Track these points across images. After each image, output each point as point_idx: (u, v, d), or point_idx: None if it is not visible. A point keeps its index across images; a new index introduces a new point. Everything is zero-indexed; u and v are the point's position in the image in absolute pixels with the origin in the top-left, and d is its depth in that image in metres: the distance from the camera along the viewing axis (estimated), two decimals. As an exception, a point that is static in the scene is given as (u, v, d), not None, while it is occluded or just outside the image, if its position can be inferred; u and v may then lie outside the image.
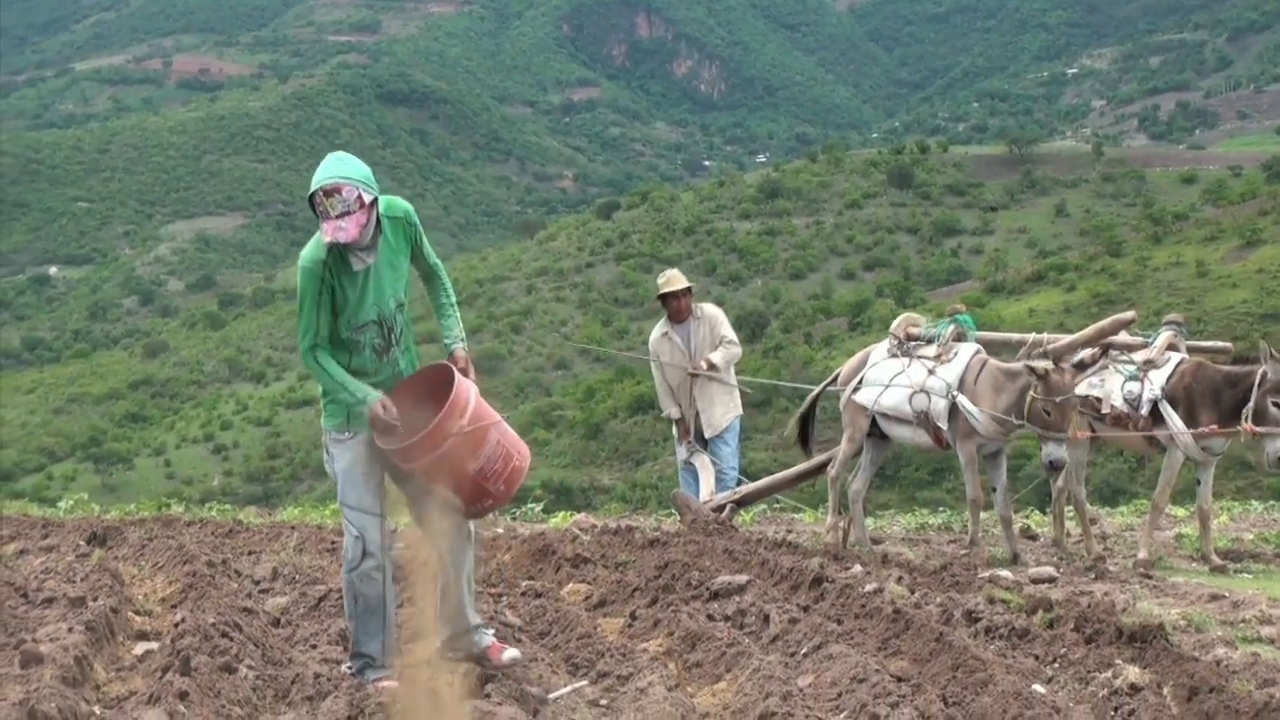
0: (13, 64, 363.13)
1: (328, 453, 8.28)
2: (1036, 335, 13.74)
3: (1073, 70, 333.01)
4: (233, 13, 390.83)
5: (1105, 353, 13.59)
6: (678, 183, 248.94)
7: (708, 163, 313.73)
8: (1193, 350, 13.35)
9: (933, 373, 13.48)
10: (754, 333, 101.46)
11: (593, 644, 9.37)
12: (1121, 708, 7.42)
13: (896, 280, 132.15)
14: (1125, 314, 13.30)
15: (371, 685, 7.86)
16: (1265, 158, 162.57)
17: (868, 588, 10.23)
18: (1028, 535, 16.33)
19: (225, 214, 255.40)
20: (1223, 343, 13.81)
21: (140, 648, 9.14)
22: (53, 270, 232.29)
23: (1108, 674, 7.89)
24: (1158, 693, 7.55)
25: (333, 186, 7.67)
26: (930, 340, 13.96)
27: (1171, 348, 13.29)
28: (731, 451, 15.51)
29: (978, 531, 13.78)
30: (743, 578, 10.87)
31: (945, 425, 13.31)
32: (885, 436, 14.37)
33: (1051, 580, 11.99)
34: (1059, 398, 12.24)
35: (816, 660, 8.66)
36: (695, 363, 15.21)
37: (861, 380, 14.32)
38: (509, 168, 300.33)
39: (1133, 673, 7.77)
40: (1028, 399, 12.51)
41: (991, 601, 9.86)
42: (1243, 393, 12.44)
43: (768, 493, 15.55)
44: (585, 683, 8.50)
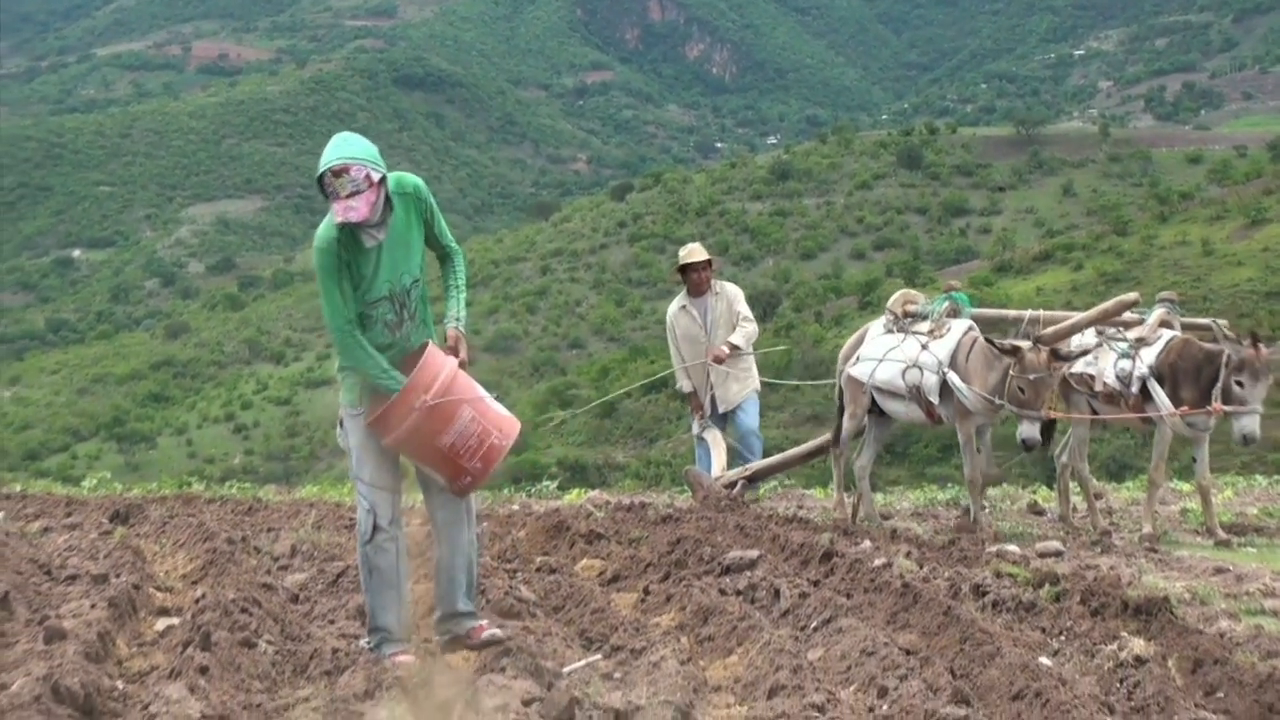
0: (36, 50, 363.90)
1: (341, 427, 8.25)
2: (1034, 312, 13.74)
3: (1079, 52, 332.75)
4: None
5: (1100, 331, 13.58)
6: (690, 165, 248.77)
7: (719, 145, 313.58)
8: (1187, 327, 13.33)
9: (926, 348, 13.46)
10: (766, 312, 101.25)
11: (606, 619, 9.36)
12: (1127, 680, 7.41)
13: (906, 260, 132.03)
14: (1129, 295, 13.27)
15: (389, 659, 7.86)
16: (1270, 138, 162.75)
17: (877, 562, 10.21)
18: (1034, 510, 16.30)
19: (245, 197, 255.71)
20: (1220, 321, 13.74)
21: (161, 623, 9.14)
22: (76, 253, 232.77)
23: (1113, 646, 7.89)
24: (1162, 665, 7.55)
25: (341, 167, 7.65)
26: (926, 317, 13.97)
27: (1165, 325, 13.27)
28: (750, 419, 15.50)
29: (979, 510, 13.76)
30: (754, 553, 10.86)
31: (936, 400, 13.32)
32: (885, 413, 14.38)
33: (1058, 554, 11.97)
34: (1033, 375, 12.22)
35: (826, 634, 8.65)
36: (717, 347, 15.19)
37: (858, 356, 14.36)
38: (524, 150, 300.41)
39: (1138, 645, 7.76)
40: (1008, 376, 12.52)
41: (999, 575, 9.86)
42: (1216, 371, 12.46)
43: (778, 469, 15.54)
44: (599, 657, 8.49)
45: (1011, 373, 12.38)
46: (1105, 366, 13.28)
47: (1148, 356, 12.92)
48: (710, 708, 7.33)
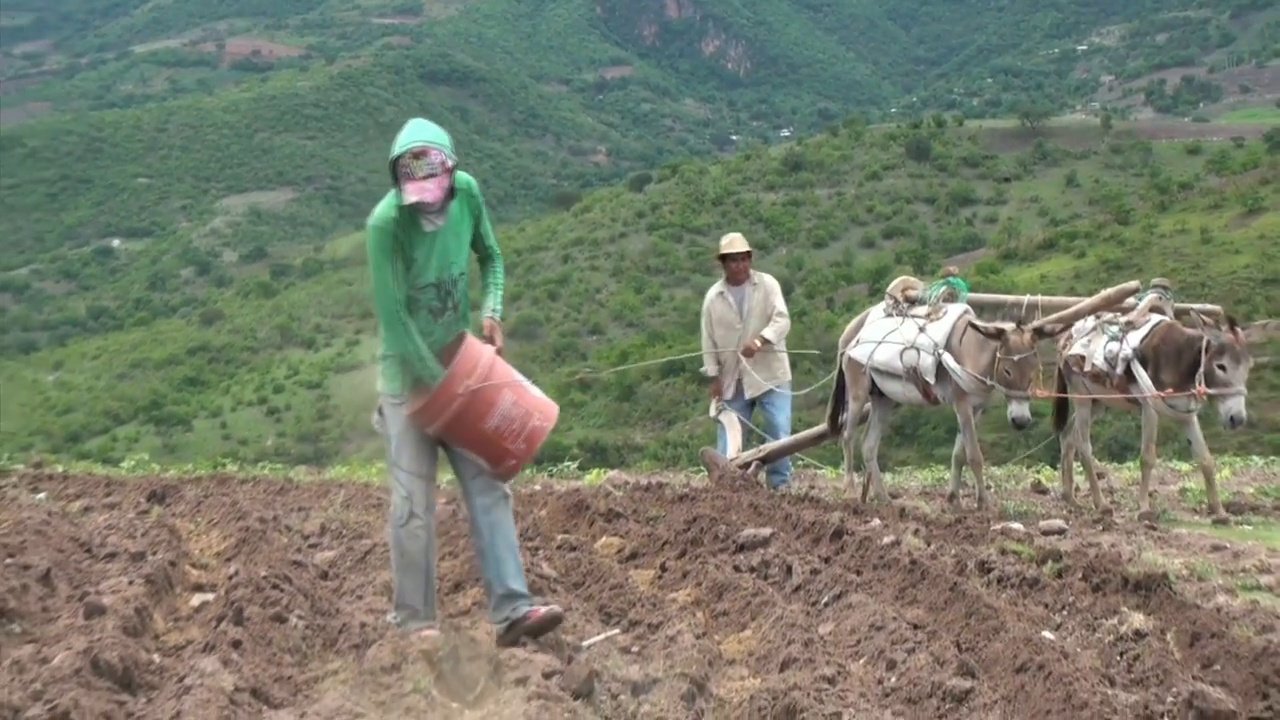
0: (76, 47, 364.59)
1: (380, 414, 8.19)
2: (1031, 298, 13.75)
3: (1082, 47, 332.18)
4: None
5: (1098, 316, 13.61)
6: (706, 156, 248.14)
7: (734, 137, 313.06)
8: (1180, 313, 13.32)
9: (923, 331, 13.53)
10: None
11: (625, 594, 9.36)
12: (1127, 653, 7.40)
13: (914, 248, 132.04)
14: (1129, 284, 13.34)
15: (414, 634, 7.86)
16: (1266, 129, 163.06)
17: (886, 540, 10.21)
18: (1037, 490, 16.32)
19: (276, 188, 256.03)
20: (1212, 306, 13.74)
21: (196, 599, 9.16)
22: (115, 243, 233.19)
23: (1114, 621, 7.88)
24: (1161, 638, 7.54)
25: (420, 149, 7.64)
26: (925, 301, 14.03)
27: (1156, 310, 13.27)
28: (781, 416, 15.51)
29: (982, 489, 13.77)
30: (767, 531, 10.85)
31: (933, 380, 13.36)
32: (885, 394, 14.42)
33: (1060, 532, 11.96)
34: (1017, 356, 12.30)
35: (837, 609, 8.65)
36: (749, 340, 15.19)
37: (858, 339, 14.43)
38: (545, 143, 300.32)
39: (1137, 619, 7.75)
40: (994, 358, 12.57)
41: (1003, 553, 9.85)
42: (1197, 355, 12.48)
43: (789, 451, 15.54)
44: (617, 631, 8.49)
45: (997, 354, 12.43)
46: (1095, 350, 13.32)
47: (1133, 340, 12.96)
48: (725, 680, 7.33)
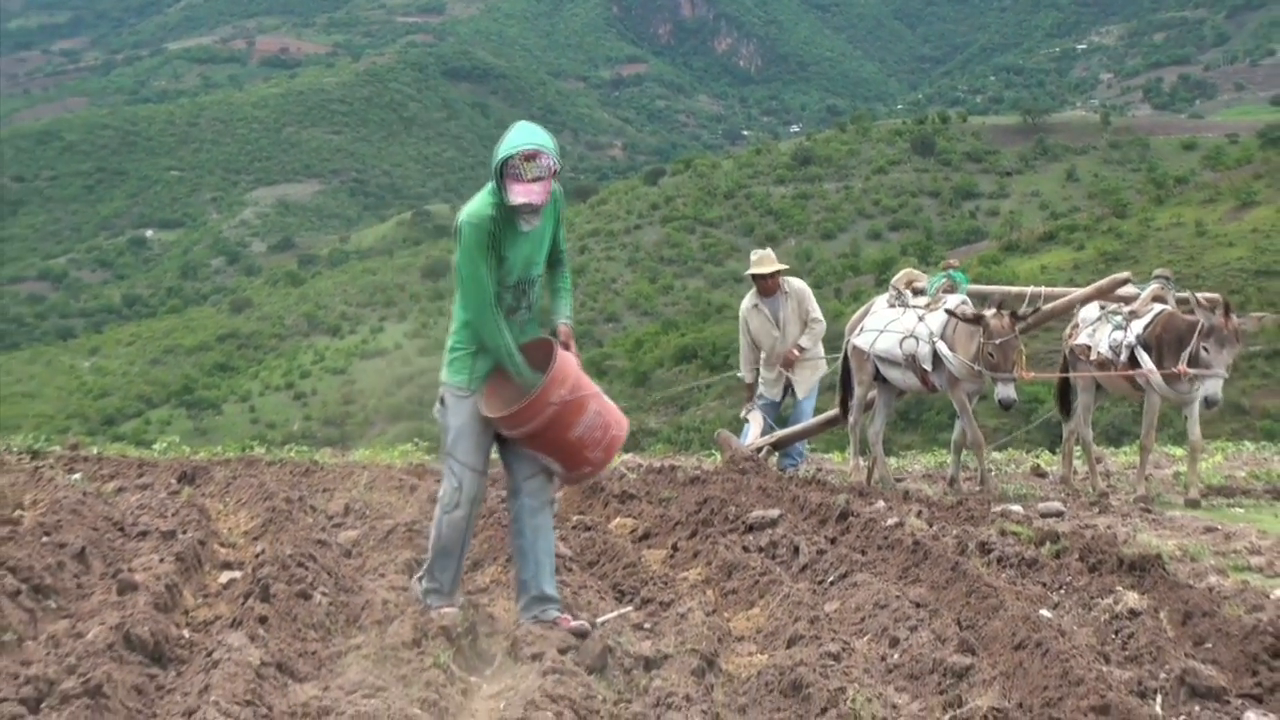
0: (112, 44, 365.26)
1: (442, 403, 8.10)
2: (1035, 289, 13.75)
3: (1082, 46, 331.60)
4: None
5: (1102, 306, 13.64)
6: (718, 151, 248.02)
7: (746, 132, 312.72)
8: (1182, 301, 13.31)
9: (921, 320, 13.58)
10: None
11: (638, 573, 9.38)
12: (1121, 631, 7.40)
13: (919, 240, 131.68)
14: (1121, 274, 13.41)
15: (435, 611, 7.86)
16: (1260, 126, 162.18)
17: (889, 521, 10.21)
18: (1037, 473, 16.32)
19: (304, 181, 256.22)
20: (1212, 294, 13.72)
21: (225, 576, 9.18)
22: (149, 233, 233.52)
23: (1109, 600, 7.88)
24: (1155, 617, 7.54)
25: (533, 152, 7.59)
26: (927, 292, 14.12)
27: (1158, 299, 13.28)
28: (807, 401, 15.54)
29: (986, 468, 13.77)
30: (775, 512, 10.86)
31: (929, 368, 13.39)
32: (888, 381, 14.47)
33: (1058, 514, 11.96)
34: (999, 340, 12.35)
35: (842, 588, 8.66)
36: (789, 351, 15.21)
37: (862, 327, 14.50)
38: (563, 138, 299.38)
39: (1132, 599, 7.75)
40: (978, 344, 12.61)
41: (1003, 534, 9.85)
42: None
43: (799, 437, 15.55)
44: (631, 608, 8.51)
45: (980, 339, 12.46)
46: (1101, 337, 13.33)
47: (1136, 327, 12.97)
48: (734, 656, 7.34)
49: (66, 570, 8.67)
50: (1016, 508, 11.93)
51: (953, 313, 12.82)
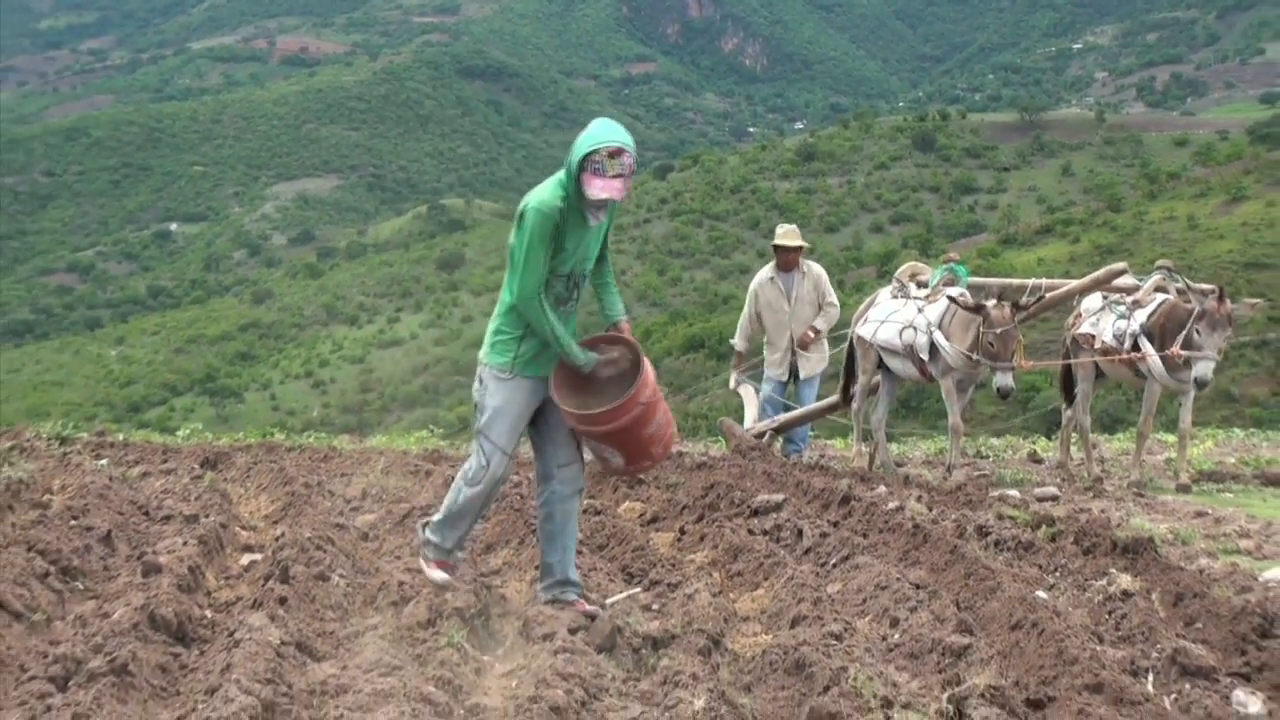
0: (138, 44, 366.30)
1: (481, 382, 7.90)
2: (1036, 280, 13.73)
3: (1078, 45, 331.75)
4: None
5: (1105, 297, 13.65)
6: (725, 147, 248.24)
7: (752, 129, 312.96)
8: (1182, 293, 13.29)
9: (921, 312, 13.59)
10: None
11: (646, 556, 9.37)
12: (1115, 611, 7.39)
13: (920, 233, 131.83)
14: (1117, 265, 13.38)
15: (428, 564, 7.87)
16: (1249, 123, 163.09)
17: (890, 506, 10.19)
18: (1033, 459, 16.34)
19: (323, 176, 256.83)
20: (1209, 285, 13.71)
21: (246, 559, 9.18)
22: (173, 226, 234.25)
23: (1103, 582, 7.87)
24: (1147, 598, 7.53)
25: (617, 149, 7.39)
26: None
27: (1160, 289, 13.28)
28: (810, 387, 15.47)
29: (956, 456, 13.76)
30: (779, 497, 10.85)
31: (927, 357, 13.42)
32: (891, 370, 14.50)
33: (1054, 499, 11.98)
34: (999, 329, 12.33)
35: (844, 570, 8.64)
36: (805, 332, 15.11)
37: (866, 318, 14.54)
38: (574, 135, 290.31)
39: (1125, 580, 7.74)
40: (978, 333, 12.59)
41: (1000, 518, 9.84)
42: None
43: (802, 421, 15.52)
44: (639, 589, 8.50)
45: (980, 329, 12.45)
46: (1105, 327, 13.34)
47: (1140, 317, 12.97)
48: (739, 636, 7.34)
49: (93, 553, 8.67)
50: (1014, 492, 11.96)
51: (955, 299, 12.82)
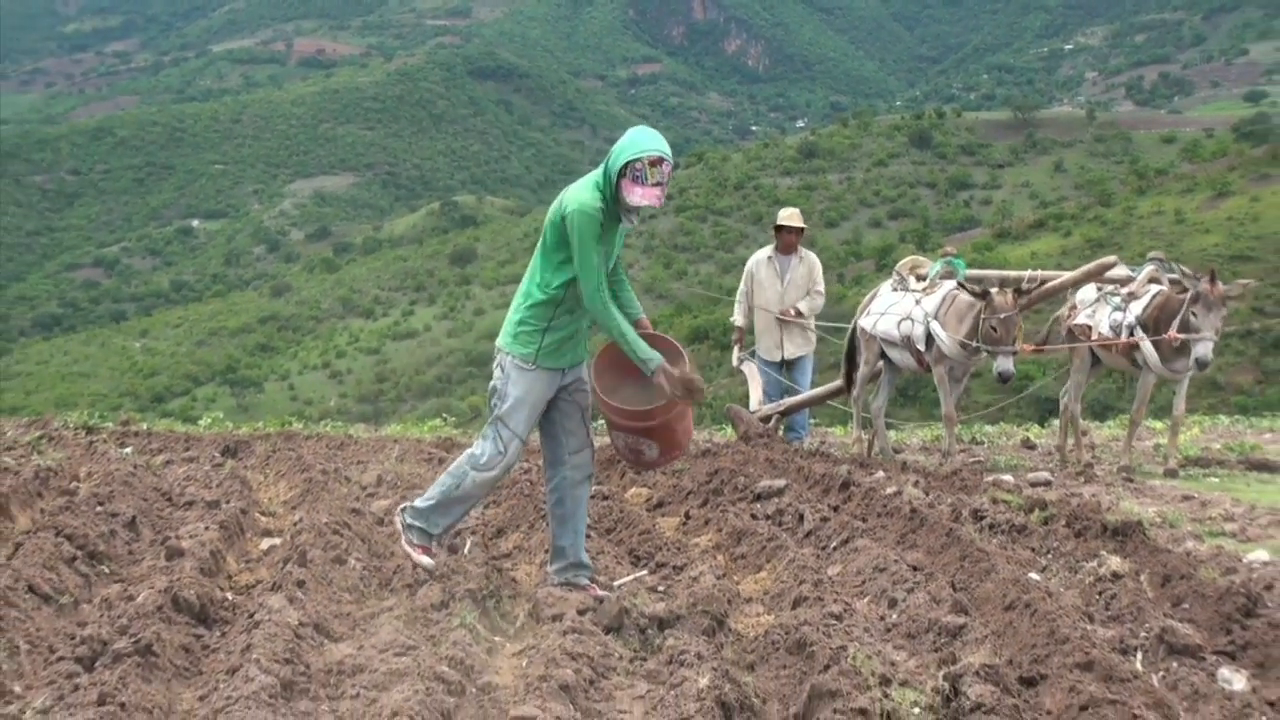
0: (161, 47, 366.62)
1: (502, 370, 7.84)
2: (1032, 272, 13.72)
3: (1069, 46, 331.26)
4: (344, 1, 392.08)
5: (1100, 289, 13.64)
6: (728, 145, 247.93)
7: (754, 128, 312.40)
8: (1175, 283, 13.27)
9: (918, 303, 13.62)
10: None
11: (652, 539, 9.38)
12: (1105, 592, 7.39)
13: (917, 228, 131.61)
14: (1108, 258, 13.34)
15: (413, 549, 7.87)
16: (1234, 120, 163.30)
17: (888, 490, 10.19)
18: (1026, 445, 16.35)
19: (339, 174, 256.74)
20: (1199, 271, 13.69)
21: (265, 543, 9.20)
22: (195, 223, 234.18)
23: (1093, 564, 7.86)
24: (1136, 579, 7.53)
25: (658, 159, 7.34)
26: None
27: (1154, 280, 13.27)
28: (804, 378, 15.50)
29: (952, 444, 13.76)
30: (781, 482, 10.86)
31: (923, 348, 13.44)
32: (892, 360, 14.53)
33: (1046, 483, 11.99)
34: (1002, 315, 12.32)
35: (844, 553, 8.65)
36: (786, 309, 15.18)
37: (868, 310, 14.57)
38: (582, 133, 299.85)
39: (1115, 562, 7.74)
40: (980, 320, 12.59)
41: (994, 502, 9.83)
42: None
43: (806, 405, 15.51)
44: (646, 572, 8.50)
45: (983, 314, 12.46)
46: (1101, 319, 13.33)
47: (1135, 309, 12.96)
48: (742, 616, 7.35)
49: (119, 538, 8.70)
50: (1007, 477, 11.97)
51: (963, 284, 12.84)
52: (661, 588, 8.08)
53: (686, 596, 7.44)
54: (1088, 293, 13.84)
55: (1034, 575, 7.77)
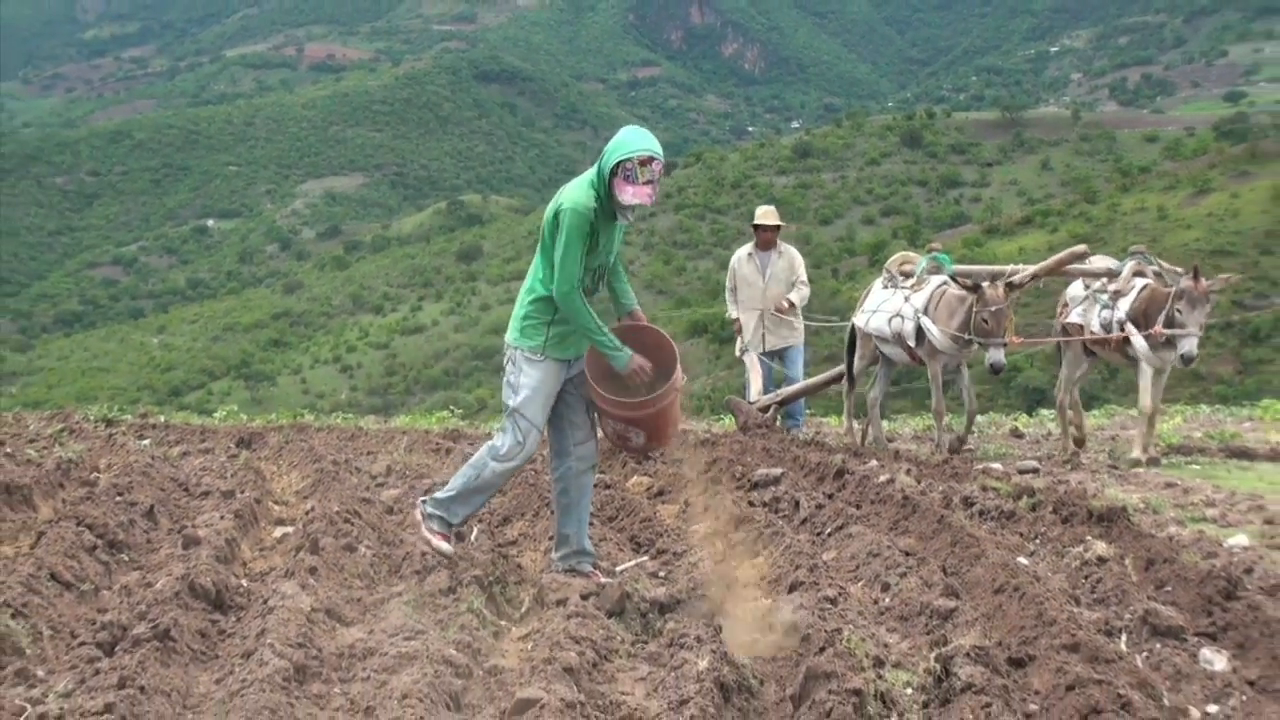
0: (176, 52, 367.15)
1: (513, 364, 7.81)
2: (1013, 267, 13.71)
3: (1055, 48, 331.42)
4: (354, 7, 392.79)
5: (1087, 286, 13.60)
6: (726, 145, 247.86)
7: (751, 129, 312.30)
8: (1158, 274, 13.23)
9: (908, 300, 13.61)
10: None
11: (653, 526, 9.38)
12: (1090, 576, 7.39)
13: (908, 225, 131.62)
14: (1078, 247, 13.37)
15: (432, 536, 7.85)
16: (1214, 120, 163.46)
17: (881, 478, 10.19)
18: (1015, 435, 16.35)
19: (349, 174, 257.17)
20: (1180, 267, 13.66)
21: (278, 531, 9.19)
22: (210, 222, 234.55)
23: (1080, 548, 7.86)
24: (1120, 563, 7.53)
25: (648, 158, 7.34)
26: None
27: (1139, 274, 13.22)
28: (795, 370, 15.51)
29: (943, 435, 13.75)
30: (778, 470, 10.87)
31: (914, 343, 13.44)
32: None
33: (1034, 472, 11.98)
34: (993, 307, 12.33)
35: (838, 539, 8.65)
36: (777, 303, 15.25)
37: (862, 307, 14.59)
38: (584, 134, 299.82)
39: (1100, 547, 7.73)
40: (971, 313, 12.58)
41: (984, 489, 9.83)
42: None
43: (805, 393, 15.50)
44: (646, 558, 8.51)
45: (975, 307, 12.46)
46: (1091, 317, 13.30)
47: (1124, 305, 12.92)
48: (740, 601, 7.34)
49: (137, 526, 8.70)
50: (996, 466, 11.96)
51: (955, 279, 12.85)
52: (662, 574, 8.09)
53: (686, 581, 7.48)
54: (1076, 290, 13.81)
55: (1022, 560, 7.76)
